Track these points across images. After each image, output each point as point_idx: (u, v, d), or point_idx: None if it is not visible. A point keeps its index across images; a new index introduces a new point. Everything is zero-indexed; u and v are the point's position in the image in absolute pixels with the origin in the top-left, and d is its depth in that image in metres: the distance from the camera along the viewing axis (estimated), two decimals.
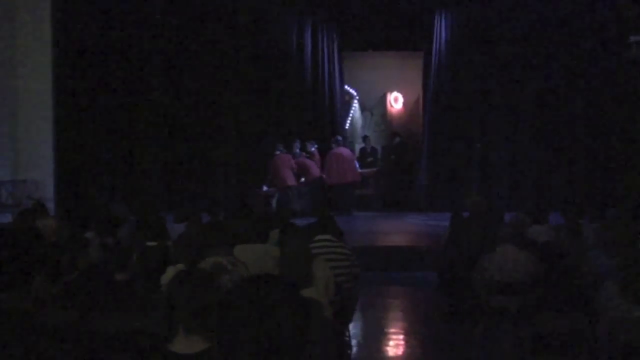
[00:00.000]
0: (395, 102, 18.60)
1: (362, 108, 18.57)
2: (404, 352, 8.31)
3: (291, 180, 15.47)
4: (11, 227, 8.58)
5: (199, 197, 15.58)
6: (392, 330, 9.29)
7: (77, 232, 7.40)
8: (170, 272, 5.22)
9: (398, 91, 18.55)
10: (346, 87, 18.12)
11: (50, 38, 14.95)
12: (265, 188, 15.62)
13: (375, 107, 18.65)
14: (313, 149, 15.98)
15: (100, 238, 7.29)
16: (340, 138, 16.51)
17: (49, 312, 4.66)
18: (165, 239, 7.28)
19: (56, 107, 15.13)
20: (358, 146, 18.11)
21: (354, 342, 7.93)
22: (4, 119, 14.93)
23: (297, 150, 15.78)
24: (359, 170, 16.53)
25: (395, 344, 8.59)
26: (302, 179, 15.75)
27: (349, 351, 7.52)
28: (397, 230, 15.13)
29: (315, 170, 15.89)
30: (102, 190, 15.40)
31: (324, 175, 16.08)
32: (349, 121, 18.42)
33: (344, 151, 16.34)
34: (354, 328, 8.20)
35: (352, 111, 18.43)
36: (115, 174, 15.81)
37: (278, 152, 15.44)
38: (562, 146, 16.19)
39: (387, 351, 8.29)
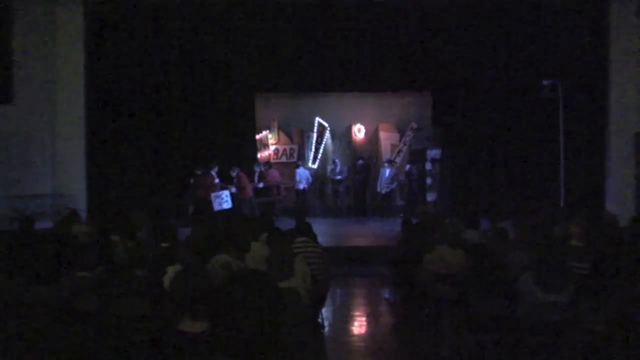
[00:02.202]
0: (359, 132, 18.65)
1: (333, 137, 18.60)
2: (365, 331, 8.30)
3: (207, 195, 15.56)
4: (51, 232, 8.49)
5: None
6: (356, 313, 9.29)
7: (105, 235, 7.32)
8: (171, 271, 5.17)
9: (361, 124, 18.61)
10: (319, 119, 18.19)
11: (83, 75, 14.93)
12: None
13: (342, 135, 18.69)
14: (234, 173, 15.86)
15: (123, 240, 7.23)
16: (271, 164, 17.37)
17: (81, 301, 4.60)
18: (175, 241, 7.22)
19: (88, 133, 15.06)
20: (329, 167, 18.13)
21: (326, 323, 7.92)
22: (47, 144, 14.83)
23: (234, 174, 15.75)
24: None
25: (358, 324, 8.58)
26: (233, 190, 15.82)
27: (322, 330, 7.51)
28: (360, 233, 15.14)
29: (251, 189, 16.05)
30: (126, 201, 15.30)
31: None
32: (322, 147, 18.46)
33: (277, 173, 17.12)
34: (326, 312, 8.18)
35: (325, 139, 18.45)
36: (136, 188, 15.73)
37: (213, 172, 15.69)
38: (491, 166, 16.35)
39: (352, 330, 8.28)
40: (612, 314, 4.52)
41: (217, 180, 15.62)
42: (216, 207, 15.17)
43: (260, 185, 16.46)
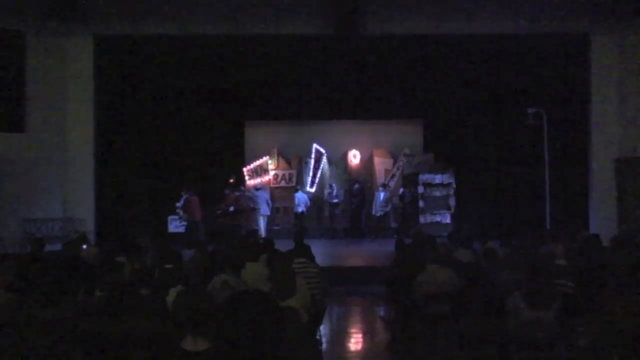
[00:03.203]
0: (354, 158, 18.71)
1: (329, 162, 18.64)
2: (361, 347, 8.26)
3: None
4: (61, 254, 8.47)
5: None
6: (352, 330, 9.24)
7: (112, 257, 7.30)
8: (173, 293, 5.13)
9: (356, 150, 18.68)
10: (317, 146, 18.26)
11: (92, 105, 15.00)
12: None
13: (339, 161, 18.73)
14: (187, 196, 15.36)
15: (130, 262, 7.20)
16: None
17: (89, 320, 4.57)
18: (179, 263, 7.19)
19: (96, 162, 15.10)
20: (326, 191, 18.15)
21: (323, 339, 7.86)
22: (57, 171, 14.84)
23: (187, 196, 15.20)
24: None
25: (355, 341, 8.53)
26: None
27: (320, 347, 7.46)
28: (356, 254, 15.10)
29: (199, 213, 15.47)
30: (132, 225, 15.29)
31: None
32: (319, 172, 18.50)
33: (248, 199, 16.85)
34: (323, 329, 8.13)
35: (322, 164, 18.49)
36: (142, 213, 15.73)
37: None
38: (482, 187, 16.41)
39: (349, 346, 8.23)
40: (595, 330, 4.51)
41: (179, 204, 15.56)
42: (171, 229, 15.12)
43: (231, 208, 16.27)
